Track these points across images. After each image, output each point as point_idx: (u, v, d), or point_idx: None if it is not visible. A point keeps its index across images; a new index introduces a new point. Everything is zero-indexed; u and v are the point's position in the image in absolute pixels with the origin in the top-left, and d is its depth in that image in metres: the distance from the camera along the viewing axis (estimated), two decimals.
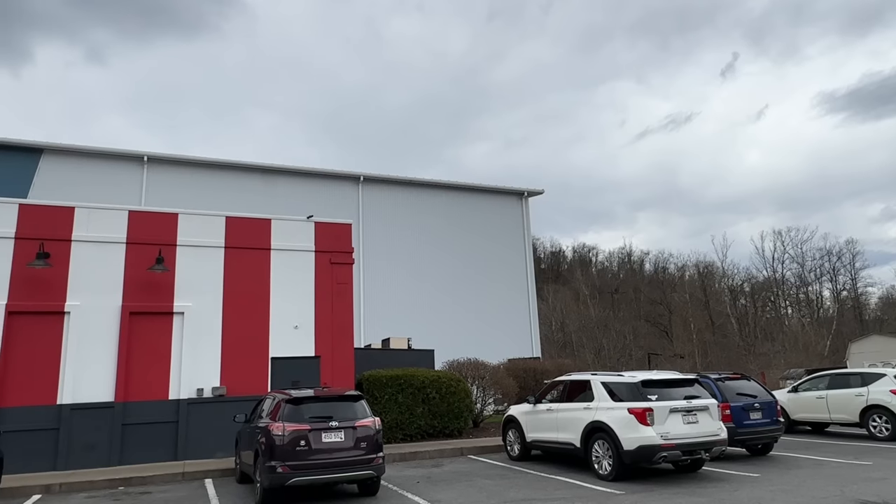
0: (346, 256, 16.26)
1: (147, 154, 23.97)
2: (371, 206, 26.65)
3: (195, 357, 14.24)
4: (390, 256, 26.23)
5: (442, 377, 16.44)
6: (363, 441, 9.32)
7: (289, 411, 9.36)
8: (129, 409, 13.55)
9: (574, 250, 73.78)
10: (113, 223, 14.32)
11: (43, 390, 13.06)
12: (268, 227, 15.69)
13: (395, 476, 11.49)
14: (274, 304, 15.22)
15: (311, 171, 26.63)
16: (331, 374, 15.16)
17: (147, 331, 14.07)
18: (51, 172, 22.56)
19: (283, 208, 22.01)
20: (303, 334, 15.28)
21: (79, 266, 13.78)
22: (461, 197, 28.97)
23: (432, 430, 16.01)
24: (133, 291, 14.11)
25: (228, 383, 14.42)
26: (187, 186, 23.95)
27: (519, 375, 19.93)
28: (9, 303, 13.12)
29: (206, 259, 14.85)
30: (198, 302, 14.54)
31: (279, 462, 8.85)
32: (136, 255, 14.24)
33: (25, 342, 13.14)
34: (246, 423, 11.40)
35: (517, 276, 28.97)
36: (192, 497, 10.22)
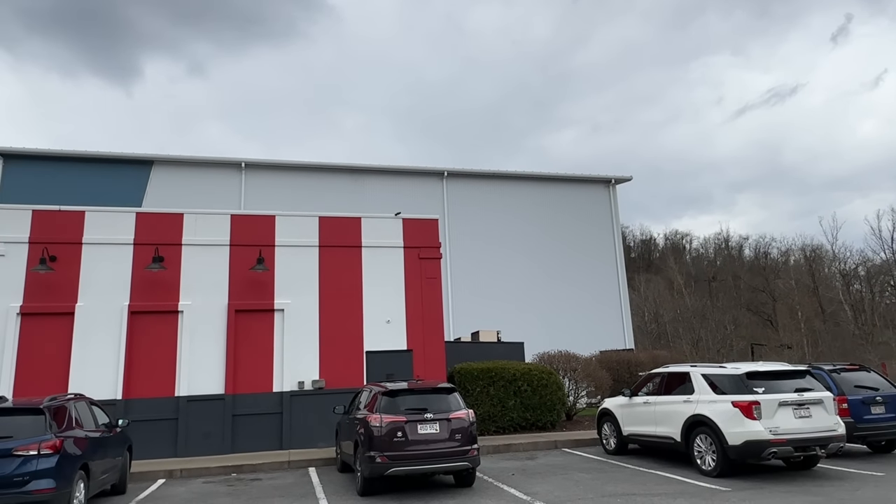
0: (434, 251, 16.49)
1: (244, 160, 25.33)
2: (456, 200, 26.84)
3: (296, 351, 14.96)
4: (476, 250, 26.33)
5: (533, 370, 16.35)
6: (458, 433, 9.44)
7: (385, 403, 9.64)
8: (237, 400, 14.45)
9: (666, 237, 70.92)
10: (217, 227, 15.28)
11: (163, 383, 14.18)
12: (358, 225, 16.19)
13: (489, 468, 11.56)
14: (367, 300, 15.70)
15: (396, 169, 27.18)
16: (423, 367, 15.46)
17: (251, 327, 14.93)
18: (160, 182, 24.34)
19: (372, 206, 22.64)
20: (395, 328, 15.67)
21: (189, 268, 14.82)
22: (546, 187, 28.59)
23: (525, 422, 15.97)
24: (237, 290, 15.01)
25: (327, 376, 15.04)
26: (282, 189, 25.11)
27: (612, 368, 19.47)
28: (131, 303, 14.33)
29: (303, 258, 15.55)
30: (296, 299, 15.26)
31: (378, 452, 9.14)
32: (238, 257, 15.14)
33: (146, 339, 14.31)
34: (345, 415, 11.86)
35: (606, 267, 28.27)
36: (298, 484, 10.76)
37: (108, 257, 14.42)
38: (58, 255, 14.03)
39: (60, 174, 23.43)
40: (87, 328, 13.96)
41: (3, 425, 7.86)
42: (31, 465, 7.54)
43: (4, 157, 22.78)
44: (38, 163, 23.45)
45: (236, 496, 9.90)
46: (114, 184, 23.71)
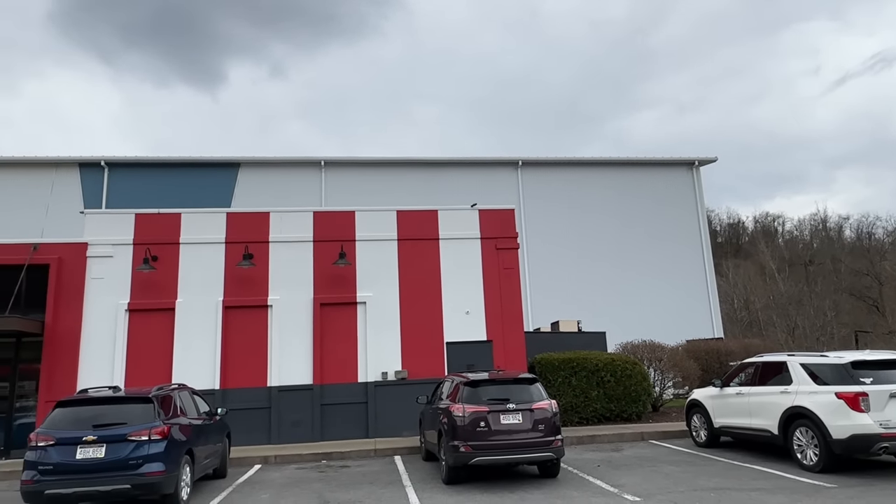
0: (511, 241, 16.41)
1: (324, 159, 26.12)
2: (531, 189, 26.56)
3: (378, 343, 15.34)
4: (553, 239, 25.96)
5: (616, 360, 15.99)
6: (541, 423, 9.39)
7: (467, 394, 9.72)
8: (325, 390, 15.00)
9: (756, 220, 67.11)
10: (301, 224, 15.88)
11: (255, 374, 14.93)
12: (435, 217, 16.35)
13: (574, 459, 11.43)
14: (445, 291, 15.86)
15: (470, 161, 27.20)
16: (503, 358, 15.46)
17: (336, 320, 15.44)
18: (247, 182, 25.53)
19: (447, 198, 22.77)
20: (474, 319, 15.75)
21: (276, 264, 15.50)
22: (625, 172, 27.77)
23: (609, 413, 15.66)
24: (321, 284, 15.55)
25: (409, 367, 15.34)
26: (359, 185, 25.73)
27: (700, 357, 18.74)
28: (225, 299, 15.16)
29: (382, 251, 15.89)
30: (377, 292, 15.63)
31: (462, 442, 9.24)
32: (321, 252, 15.67)
33: (239, 332, 15.10)
34: (427, 405, 12.05)
35: (691, 252, 27.14)
36: (385, 472, 11.05)
37: (203, 256, 15.31)
38: (158, 254, 15.04)
39: (157, 179, 25.05)
40: (186, 323, 14.90)
41: (117, 413, 8.53)
42: (143, 450, 8.15)
43: (109, 165, 24.60)
44: (137, 169, 25.17)
45: (327, 482, 10.30)
46: (205, 186, 25.09)
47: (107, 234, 15.17)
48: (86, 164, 24.54)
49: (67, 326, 14.54)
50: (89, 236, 15.18)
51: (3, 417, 14.46)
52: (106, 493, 8.00)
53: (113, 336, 14.59)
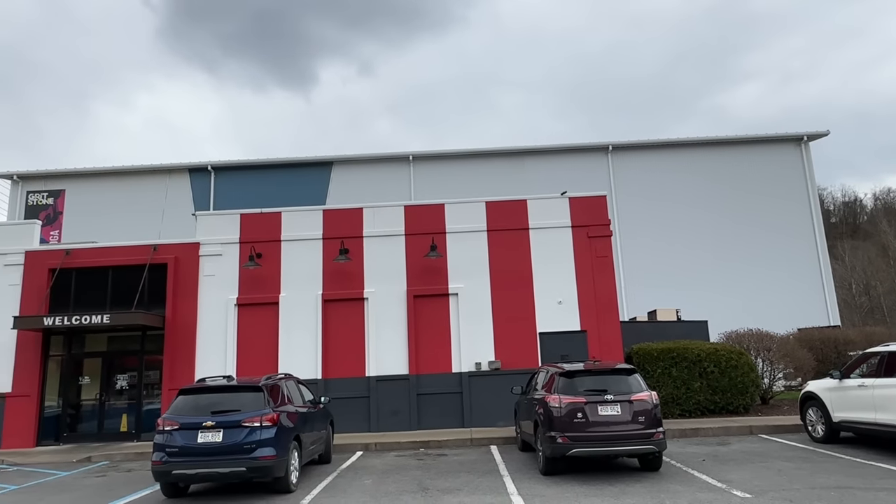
0: (604, 229, 16.00)
1: (412, 154, 26.57)
2: (623, 174, 25.74)
3: (471, 333, 15.47)
4: (648, 225, 25.04)
5: (720, 349, 15.23)
6: (641, 415, 9.12)
7: (563, 384, 9.60)
8: (420, 380, 15.33)
9: (876, 197, 61.34)
10: (393, 218, 16.26)
11: (354, 364, 15.50)
12: (524, 207, 16.23)
13: (676, 452, 11.03)
14: (537, 281, 15.72)
15: (557, 148, 26.70)
16: (598, 348, 15.14)
17: (429, 311, 15.72)
18: (340, 180, 26.45)
19: (535, 187, 22.51)
20: (567, 309, 15.52)
21: (371, 258, 15.98)
22: (724, 152, 26.27)
23: (713, 406, 14.95)
24: (414, 277, 15.87)
25: (502, 357, 15.36)
26: (447, 177, 25.97)
27: (814, 347, 17.49)
28: (324, 292, 15.83)
29: (472, 243, 15.98)
30: (469, 283, 15.75)
31: (558, 433, 9.15)
32: (413, 245, 15.98)
33: (338, 324, 15.73)
34: (522, 395, 12.03)
35: (801, 234, 25.30)
36: (481, 461, 11.16)
37: (303, 252, 16.05)
38: (262, 252, 15.92)
39: (257, 180, 26.48)
40: (289, 315, 15.69)
41: (231, 400, 9.13)
42: (255, 435, 8.69)
43: (215, 169, 26.28)
44: (240, 172, 26.71)
45: (426, 469, 10.54)
46: (301, 185, 26.24)
47: (216, 233, 16.24)
48: (194, 169, 26.35)
49: (185, 320, 15.73)
50: (201, 236, 16.32)
51: (133, 404, 15.90)
52: (224, 475, 8.60)
53: (224, 329, 15.63)
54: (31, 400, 15.41)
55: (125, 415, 15.88)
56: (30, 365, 15.60)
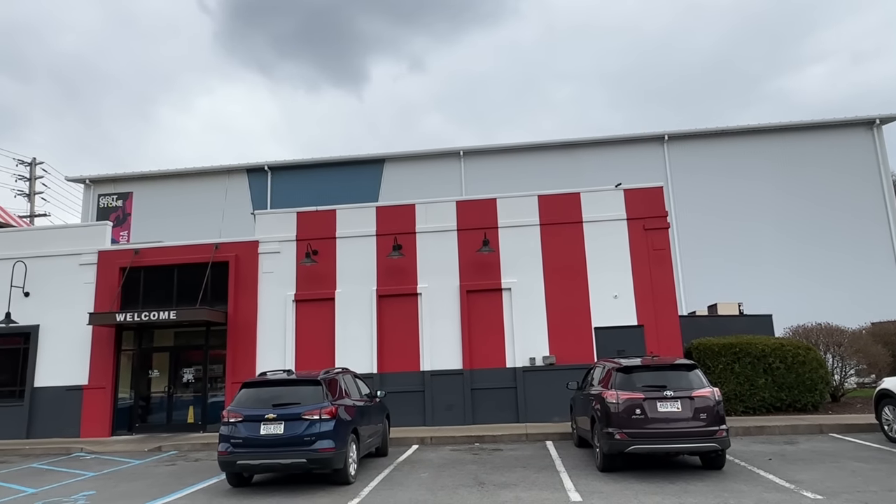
0: (660, 221, 15.60)
1: (462, 149, 26.55)
2: (680, 164, 24.98)
3: (524, 328, 15.39)
4: (708, 216, 24.22)
5: (786, 345, 14.62)
6: (702, 412, 8.87)
7: (620, 380, 9.43)
8: (474, 375, 15.36)
9: None
10: (444, 214, 16.32)
11: (409, 359, 15.67)
12: (577, 200, 16.00)
13: (740, 451, 10.68)
14: (591, 276, 15.49)
15: (610, 139, 26.14)
16: (656, 343, 14.80)
17: (482, 306, 15.72)
18: (392, 177, 26.70)
19: (589, 180, 22.15)
20: (623, 303, 15.23)
21: (424, 253, 16.10)
22: (788, 139, 25.11)
23: (779, 403, 14.39)
24: (467, 272, 15.89)
25: (556, 352, 15.22)
26: (497, 172, 25.82)
27: (890, 342, 16.55)
28: (378, 288, 16.05)
29: (525, 237, 15.88)
30: (522, 278, 15.66)
31: (616, 429, 9.00)
32: (465, 240, 16.01)
33: (392, 319, 15.92)
34: (578, 391, 11.89)
35: (873, 223, 23.94)
36: (537, 457, 11.09)
37: (357, 248, 16.32)
38: (318, 249, 16.27)
39: (312, 178, 27.03)
40: (345, 311, 16.00)
41: (291, 394, 9.38)
42: (315, 428, 8.90)
43: (272, 169, 27.00)
44: (295, 171, 27.33)
45: (482, 464, 10.56)
46: (354, 182, 26.63)
47: (274, 232, 16.70)
48: (252, 169, 27.12)
49: (245, 316, 16.26)
50: (259, 235, 16.81)
51: (198, 396, 16.57)
52: (285, 466, 8.86)
53: (283, 324, 16.07)
54: (106, 392, 16.28)
55: (192, 407, 16.57)
56: (104, 359, 16.47)
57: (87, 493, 9.52)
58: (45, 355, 16.77)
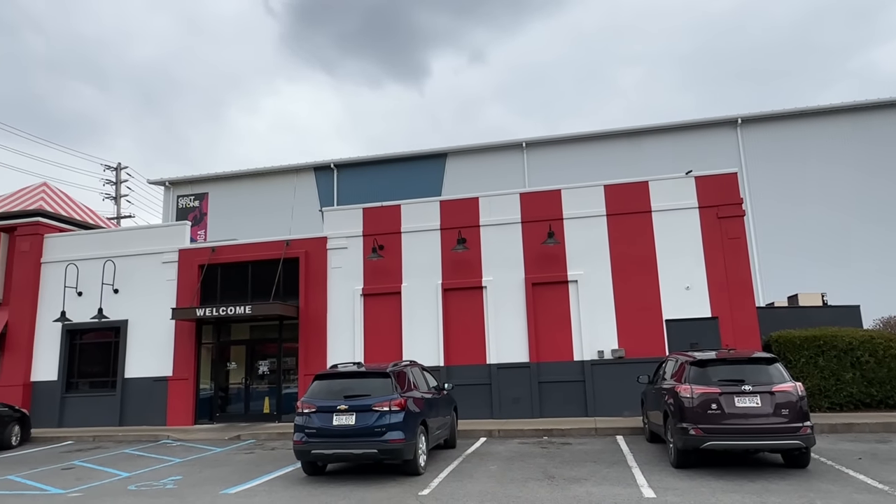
0: (735, 209, 14.96)
1: (525, 140, 26.29)
2: (755, 148, 23.80)
3: (592, 321, 15.13)
4: (786, 202, 23.00)
5: (877, 337, 13.74)
6: (784, 408, 8.46)
7: (694, 373, 9.13)
8: (541, 368, 15.25)
9: None
10: (508, 206, 16.24)
11: (475, 351, 15.72)
12: (645, 189, 15.56)
13: (826, 449, 10.13)
14: (661, 266, 15.05)
15: (679, 125, 25.20)
16: (731, 336, 14.23)
17: (547, 299, 15.57)
18: (454, 171, 26.77)
19: (657, 168, 21.48)
20: (696, 295, 14.72)
21: (488, 246, 16.09)
22: (874, 117, 23.43)
23: (869, 399, 13.56)
24: (532, 264, 15.77)
25: (626, 345, 14.89)
26: (561, 162, 25.42)
27: None
28: (443, 282, 16.17)
29: (591, 228, 15.59)
30: (588, 269, 15.39)
31: (691, 424, 8.72)
32: (530, 232, 15.88)
33: (458, 312, 16.01)
34: (649, 384, 11.60)
35: None
36: (607, 451, 10.91)
37: (422, 242, 16.49)
38: (384, 244, 16.53)
39: (376, 174, 27.47)
40: (411, 304, 16.21)
41: (361, 385, 9.60)
42: (385, 419, 9.08)
43: (337, 167, 27.62)
44: (360, 168, 27.85)
45: (551, 457, 10.49)
46: (417, 177, 26.88)
47: (341, 228, 17.10)
48: (319, 167, 27.83)
49: (316, 310, 16.74)
50: (327, 231, 17.26)
51: (273, 387, 17.22)
52: (357, 456, 9.09)
53: (352, 318, 16.46)
54: (189, 383, 17.17)
55: (267, 397, 17.25)
56: (186, 351, 17.37)
57: (175, 477, 10.09)
58: (133, 348, 17.86)
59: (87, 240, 19.12)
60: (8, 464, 12.45)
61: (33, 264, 18.95)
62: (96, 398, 17.89)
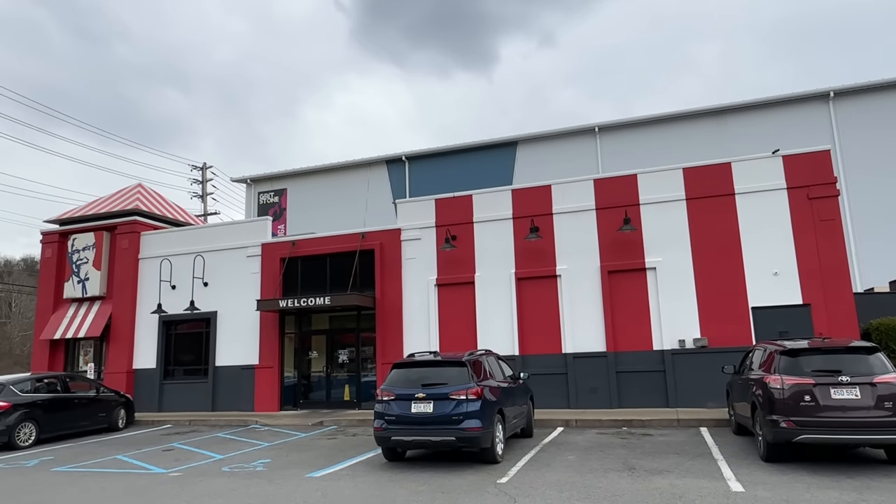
0: (828, 188, 14.03)
1: (597, 125, 25.65)
2: (849, 123, 22.17)
3: (672, 309, 14.65)
4: (886, 180, 21.32)
5: None
6: (888, 400, 7.91)
7: (785, 363, 8.68)
8: (619, 358, 14.92)
9: None
10: (582, 193, 15.93)
11: (550, 341, 15.58)
12: (728, 170, 14.85)
13: None
14: (746, 251, 14.35)
15: (764, 102, 23.82)
16: (826, 324, 13.41)
17: (624, 287, 15.19)
18: (525, 159, 26.51)
19: (739, 149, 20.43)
20: (785, 281, 13.96)
21: (561, 234, 15.87)
22: None
23: None
24: (607, 252, 15.42)
25: (708, 334, 14.33)
26: (636, 146, 24.64)
27: None
28: (516, 271, 16.10)
29: (670, 213, 15.06)
30: (667, 256, 14.89)
31: (781, 416, 8.32)
32: (605, 219, 15.52)
33: (531, 301, 15.90)
34: (735, 375, 11.13)
35: None
36: (690, 443, 10.57)
37: (494, 232, 16.47)
38: (457, 234, 16.63)
39: (446, 165, 27.61)
40: (484, 294, 16.25)
41: (438, 374, 9.73)
42: (462, 408, 9.18)
43: (409, 159, 27.97)
44: (430, 159, 28.06)
45: (631, 448, 10.28)
46: (487, 166, 26.80)
47: (414, 219, 17.33)
48: (391, 160, 28.27)
49: (391, 300, 17.09)
50: (401, 222, 17.54)
51: (352, 375, 17.76)
52: (436, 443, 9.25)
53: (427, 307, 16.69)
54: (274, 371, 17.98)
55: (347, 385, 17.81)
56: (270, 341, 18.18)
57: (264, 460, 10.63)
58: (222, 338, 18.88)
59: (179, 236, 20.32)
60: (116, 445, 13.50)
61: (132, 260, 20.34)
62: (191, 385, 19.06)
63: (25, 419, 13.49)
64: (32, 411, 13.70)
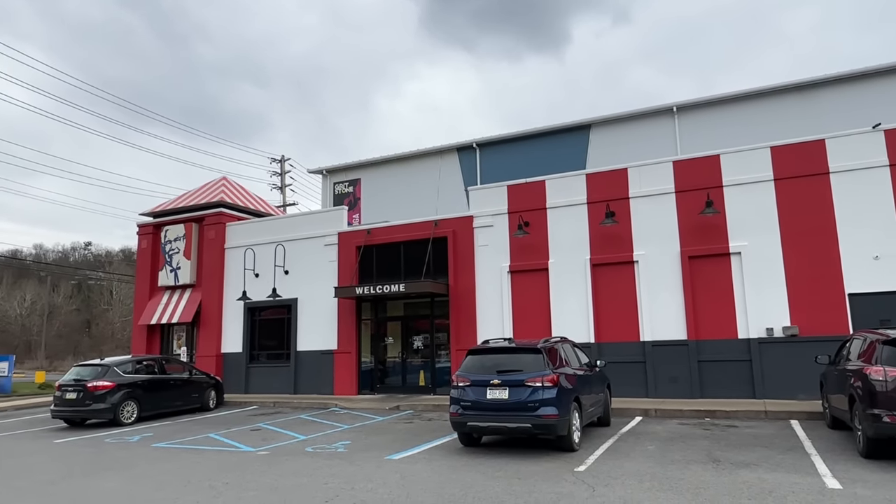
0: None
1: (675, 104, 24.58)
2: None
3: (758, 296, 13.95)
4: None
5: None
6: None
7: (889, 354, 8.09)
8: (701, 346, 14.38)
9: None
10: (660, 176, 15.37)
11: (627, 328, 15.21)
12: (821, 148, 13.91)
13: None
14: (842, 234, 13.44)
15: (862, 72, 22.06)
16: None
17: (707, 273, 14.59)
18: (599, 142, 25.80)
19: (832, 124, 19.05)
20: (887, 265, 12.98)
21: (639, 219, 15.40)
22: None
23: None
24: (688, 236, 14.85)
25: (799, 322, 13.56)
26: (718, 126, 23.43)
27: None
28: (591, 257, 15.79)
29: (756, 195, 14.31)
30: (753, 240, 14.17)
31: (884, 411, 7.76)
32: (685, 202, 14.93)
33: (607, 288, 15.56)
34: (830, 365, 10.49)
35: None
36: (780, 437, 10.07)
37: (568, 218, 16.19)
38: (529, 220, 16.47)
39: (517, 151, 27.30)
40: (558, 280, 16.04)
41: (512, 361, 9.70)
42: (538, 395, 9.12)
43: (479, 146, 27.89)
44: (501, 146, 27.83)
45: (715, 440, 9.91)
46: (559, 151, 26.28)
47: (486, 206, 17.30)
48: (462, 148, 28.26)
49: (465, 287, 17.18)
50: (473, 209, 17.55)
51: (427, 361, 18.02)
52: (511, 430, 9.24)
53: (500, 294, 16.67)
54: (351, 356, 18.52)
55: (422, 371, 18.10)
56: (348, 327, 18.72)
57: (345, 442, 10.99)
58: (303, 324, 19.61)
59: (261, 227, 21.21)
60: (208, 423, 14.35)
61: (219, 250, 21.43)
62: (274, 368, 19.94)
63: (128, 398, 14.55)
64: (134, 391, 14.75)
